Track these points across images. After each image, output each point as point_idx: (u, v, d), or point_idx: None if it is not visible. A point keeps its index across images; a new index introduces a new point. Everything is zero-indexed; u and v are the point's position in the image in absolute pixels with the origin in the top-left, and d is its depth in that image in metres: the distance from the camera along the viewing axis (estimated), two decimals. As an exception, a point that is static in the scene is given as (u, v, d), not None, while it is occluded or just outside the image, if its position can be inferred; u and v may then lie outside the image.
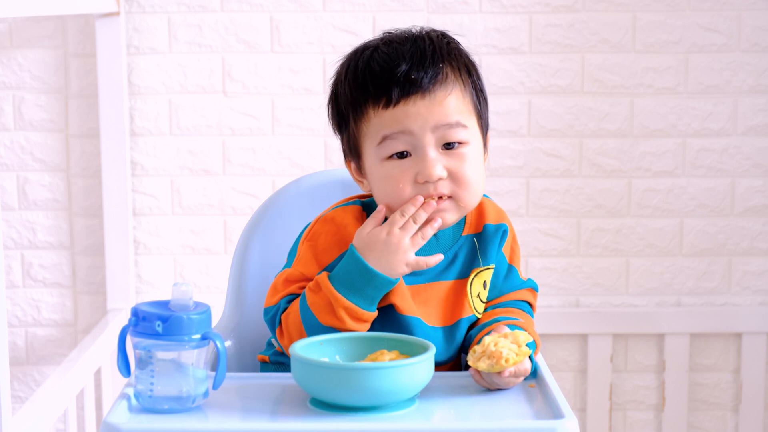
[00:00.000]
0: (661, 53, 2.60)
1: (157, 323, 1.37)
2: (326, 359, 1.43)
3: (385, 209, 1.52)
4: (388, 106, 1.49)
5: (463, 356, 1.62)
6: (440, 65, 1.50)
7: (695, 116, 2.61)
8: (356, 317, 1.48)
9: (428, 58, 1.50)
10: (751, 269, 2.66)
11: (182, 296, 1.39)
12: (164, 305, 1.40)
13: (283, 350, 1.56)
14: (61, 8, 2.20)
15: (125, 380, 2.00)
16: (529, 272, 2.65)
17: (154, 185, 2.63)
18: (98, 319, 2.66)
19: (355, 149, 1.55)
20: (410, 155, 1.50)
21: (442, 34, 1.55)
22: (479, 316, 1.57)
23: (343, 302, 1.47)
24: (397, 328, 1.52)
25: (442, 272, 1.56)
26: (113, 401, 1.76)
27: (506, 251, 1.60)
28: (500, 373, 1.43)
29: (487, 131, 1.58)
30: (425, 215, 1.49)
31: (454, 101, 1.50)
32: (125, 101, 2.57)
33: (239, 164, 2.62)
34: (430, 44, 1.52)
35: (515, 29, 2.58)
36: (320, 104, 2.60)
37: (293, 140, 2.62)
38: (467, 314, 1.55)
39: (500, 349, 1.42)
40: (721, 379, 2.69)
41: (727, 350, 2.68)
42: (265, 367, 1.64)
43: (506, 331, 1.48)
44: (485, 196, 1.62)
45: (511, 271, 1.60)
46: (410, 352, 1.43)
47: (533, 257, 2.65)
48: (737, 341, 2.68)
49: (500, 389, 1.46)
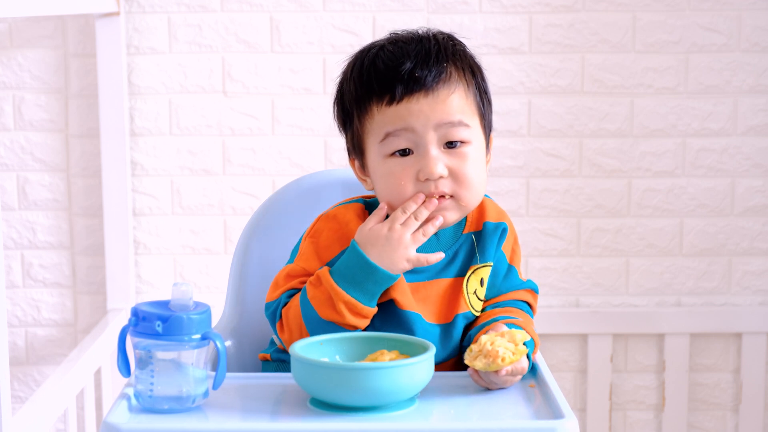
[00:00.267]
0: (661, 53, 2.60)
1: (157, 323, 1.37)
2: (326, 359, 1.44)
3: (387, 207, 1.53)
4: (391, 103, 1.51)
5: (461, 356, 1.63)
6: (444, 64, 1.52)
7: (695, 116, 2.61)
8: (356, 312, 1.48)
9: (433, 57, 1.52)
10: (751, 269, 2.66)
11: (182, 296, 1.39)
12: (164, 305, 1.40)
13: (284, 346, 1.56)
14: (61, 8, 2.20)
15: (125, 380, 2.00)
16: (529, 272, 2.65)
17: (154, 185, 2.63)
18: (98, 319, 2.66)
19: (358, 147, 1.57)
20: (412, 153, 1.51)
21: (448, 36, 1.57)
22: (476, 313, 1.57)
23: (343, 296, 1.48)
24: (396, 323, 1.53)
25: (442, 270, 1.57)
26: (113, 401, 1.76)
27: (506, 251, 1.60)
28: (497, 372, 1.43)
29: (490, 133, 1.59)
30: (427, 213, 1.50)
31: (457, 100, 1.51)
32: (125, 101, 2.57)
33: (239, 164, 2.62)
34: (435, 44, 1.54)
35: (515, 29, 2.58)
36: (320, 104, 2.60)
37: (293, 140, 2.62)
38: (463, 310, 1.56)
39: (496, 348, 1.43)
40: (721, 379, 2.69)
41: (727, 350, 2.68)
42: (266, 364, 1.64)
43: (504, 329, 1.49)
44: (487, 196, 1.63)
45: (510, 271, 1.61)
46: (410, 352, 1.43)
47: (533, 257, 2.65)
48: (737, 341, 2.68)
49: (499, 389, 1.46)
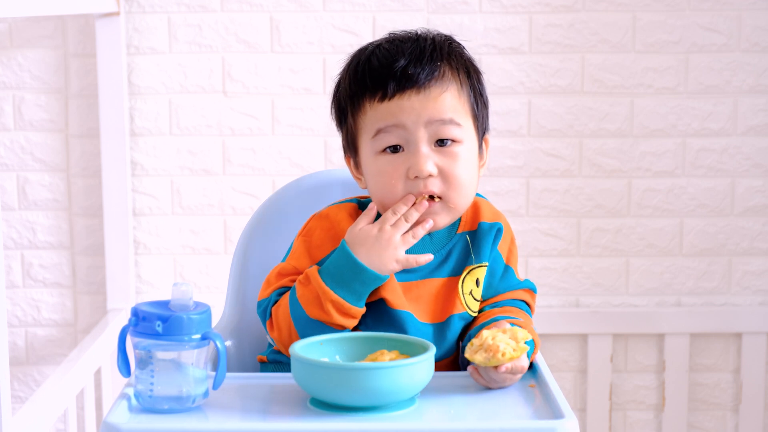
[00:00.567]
0: (661, 53, 2.60)
1: (157, 323, 1.37)
2: (326, 359, 1.44)
3: (377, 206, 1.54)
4: (383, 99, 1.51)
5: (461, 356, 1.62)
6: (438, 63, 1.52)
7: (695, 116, 2.61)
8: (343, 311, 1.49)
9: (427, 55, 1.52)
10: (751, 269, 2.66)
11: (182, 296, 1.39)
12: (164, 305, 1.40)
13: (276, 345, 1.56)
14: (61, 8, 2.20)
15: (125, 380, 2.00)
16: (529, 272, 2.65)
17: (154, 185, 2.63)
18: (98, 319, 2.66)
19: (352, 144, 1.58)
20: (403, 150, 1.52)
21: (446, 36, 1.58)
22: (473, 314, 1.57)
23: (330, 295, 1.48)
24: (388, 322, 1.53)
25: (435, 270, 1.57)
26: (113, 401, 1.76)
27: (503, 251, 1.60)
28: (497, 368, 1.43)
29: (484, 135, 1.58)
30: (417, 214, 1.51)
31: (449, 99, 1.52)
32: (125, 101, 2.57)
33: (239, 164, 2.62)
34: (431, 43, 1.55)
35: (515, 29, 2.58)
36: (320, 104, 2.60)
37: (293, 140, 2.62)
38: (458, 311, 1.56)
39: (497, 343, 1.43)
40: (721, 379, 2.69)
41: (727, 350, 2.68)
42: (264, 367, 1.64)
43: (506, 327, 1.49)
44: (483, 197, 1.63)
45: (507, 271, 1.61)
46: (410, 352, 1.43)
47: (533, 257, 2.65)
48: (737, 341, 2.68)
49: (500, 388, 1.46)
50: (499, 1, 2.58)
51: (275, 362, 1.62)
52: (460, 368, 1.62)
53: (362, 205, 1.60)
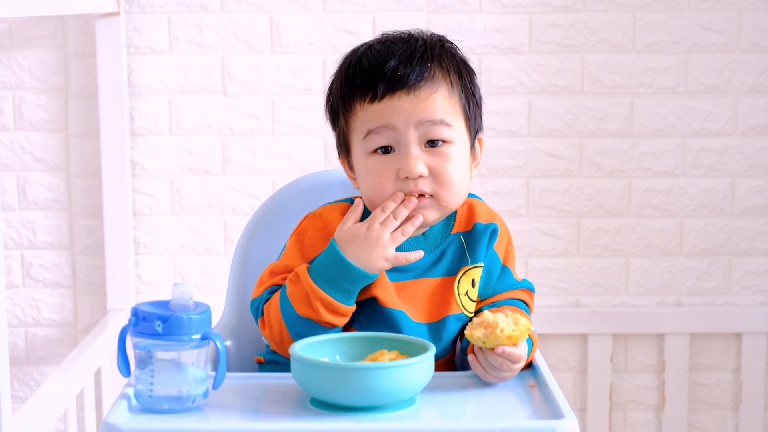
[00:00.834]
0: (661, 53, 2.60)
1: (157, 323, 1.37)
2: (326, 359, 1.44)
3: (362, 203, 1.54)
4: (373, 100, 1.52)
5: (458, 355, 1.63)
6: (429, 64, 1.53)
7: (695, 116, 2.61)
8: (332, 310, 1.49)
9: (417, 56, 1.53)
10: (751, 269, 2.66)
11: (182, 296, 1.39)
12: (164, 305, 1.40)
13: (269, 344, 1.57)
14: (61, 8, 2.20)
15: (125, 380, 2.00)
16: (529, 272, 2.65)
17: (154, 185, 2.63)
18: (98, 319, 2.66)
19: (345, 144, 1.58)
20: (394, 151, 1.52)
21: (439, 37, 1.58)
22: (469, 314, 1.57)
23: (319, 294, 1.48)
24: (381, 321, 1.53)
25: (428, 269, 1.57)
26: (113, 401, 1.76)
27: (499, 251, 1.60)
28: (494, 350, 1.43)
29: (476, 135, 1.58)
30: (406, 212, 1.51)
31: (439, 100, 1.52)
32: (125, 101, 2.57)
33: (239, 164, 2.62)
34: (422, 44, 1.55)
35: (515, 29, 2.58)
36: (320, 104, 2.59)
37: (293, 140, 2.62)
38: (454, 311, 1.56)
39: (497, 320, 1.44)
40: (721, 379, 2.69)
41: (727, 350, 2.68)
42: (261, 368, 1.65)
43: (507, 312, 1.50)
44: (479, 198, 1.63)
45: (504, 271, 1.61)
46: (410, 352, 1.43)
47: (533, 257, 2.65)
48: (737, 341, 2.68)
49: (498, 381, 1.47)
50: (499, 1, 2.58)
51: (272, 362, 1.62)
52: (456, 368, 1.62)
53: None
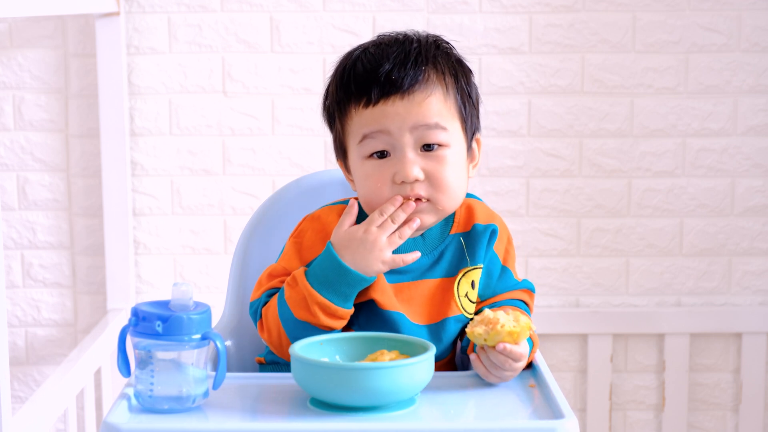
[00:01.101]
0: (661, 53, 2.60)
1: (157, 323, 1.37)
2: (326, 359, 1.44)
3: (356, 205, 1.54)
4: (368, 105, 1.52)
5: (458, 356, 1.63)
6: (423, 67, 1.52)
7: (695, 116, 2.61)
8: (330, 313, 1.49)
9: (411, 59, 1.52)
10: (751, 269, 2.66)
11: (182, 296, 1.39)
12: (164, 305, 1.40)
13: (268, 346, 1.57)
14: (61, 8, 2.20)
15: (125, 380, 2.00)
16: (529, 272, 2.65)
17: (154, 185, 2.63)
18: (98, 319, 2.66)
19: (341, 147, 1.59)
20: (389, 155, 1.52)
21: (434, 38, 1.57)
22: (469, 316, 1.57)
23: (316, 298, 1.48)
24: (380, 323, 1.53)
25: (427, 271, 1.57)
26: (113, 401, 1.76)
27: (499, 252, 1.60)
28: (495, 348, 1.43)
29: (473, 136, 1.58)
30: (404, 216, 1.51)
31: (434, 103, 1.51)
32: (125, 101, 2.57)
33: (239, 164, 2.62)
34: (416, 47, 1.54)
35: (515, 29, 2.58)
36: (320, 104, 2.60)
37: (293, 140, 2.62)
38: (454, 313, 1.56)
39: (498, 316, 1.44)
40: (721, 379, 2.69)
41: (727, 350, 2.68)
42: (262, 368, 1.65)
43: (509, 310, 1.51)
44: (478, 198, 1.62)
45: (504, 272, 1.60)
46: (410, 352, 1.43)
47: (533, 257, 2.65)
48: (737, 341, 2.68)
49: (500, 382, 1.47)
50: (499, 1, 2.58)
51: (273, 363, 1.62)
52: (456, 369, 1.62)
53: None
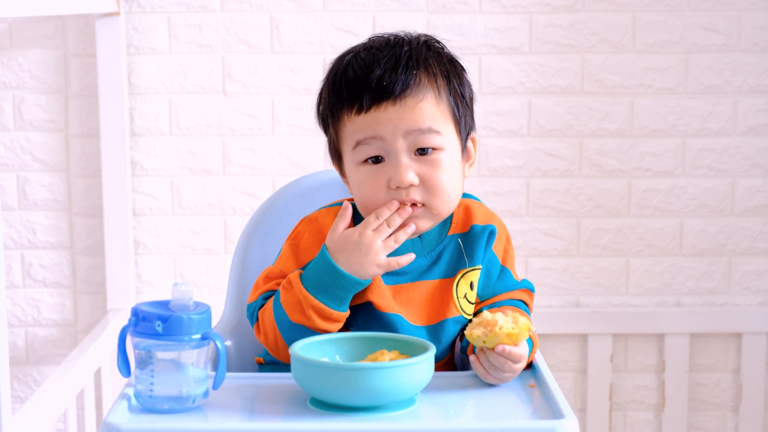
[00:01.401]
0: (661, 53, 2.60)
1: (157, 323, 1.37)
2: (326, 359, 1.44)
3: (350, 206, 1.54)
4: (360, 112, 1.51)
5: (457, 356, 1.63)
6: (414, 72, 1.51)
7: (695, 116, 2.61)
8: (324, 316, 1.49)
9: (402, 64, 1.51)
10: (751, 269, 2.66)
11: (182, 296, 1.39)
12: (164, 305, 1.40)
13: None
14: (61, 8, 2.20)
15: (125, 380, 2.00)
16: (529, 272, 2.65)
17: (154, 185, 2.63)
18: (98, 319, 2.66)
19: (336, 152, 1.58)
20: (384, 160, 1.52)
21: (425, 39, 1.56)
22: (468, 317, 1.57)
23: (311, 301, 1.48)
24: (378, 325, 1.53)
25: (425, 272, 1.57)
26: (113, 401, 1.76)
27: (498, 252, 1.60)
28: (494, 349, 1.43)
29: (467, 137, 1.58)
30: (400, 220, 1.51)
31: (427, 107, 1.51)
32: (125, 101, 2.57)
33: (239, 164, 2.62)
34: (407, 50, 1.53)
35: (515, 29, 2.58)
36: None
37: (293, 140, 2.62)
38: (453, 314, 1.56)
39: (496, 318, 1.44)
40: (721, 379, 2.69)
41: (727, 350, 2.68)
42: (261, 368, 1.65)
43: (507, 312, 1.50)
44: (476, 199, 1.62)
45: (504, 272, 1.60)
46: (410, 352, 1.43)
47: (533, 257, 2.65)
48: (737, 341, 2.68)
49: (499, 383, 1.47)
50: (499, 1, 2.58)
51: (272, 363, 1.62)
52: (455, 369, 1.62)
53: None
